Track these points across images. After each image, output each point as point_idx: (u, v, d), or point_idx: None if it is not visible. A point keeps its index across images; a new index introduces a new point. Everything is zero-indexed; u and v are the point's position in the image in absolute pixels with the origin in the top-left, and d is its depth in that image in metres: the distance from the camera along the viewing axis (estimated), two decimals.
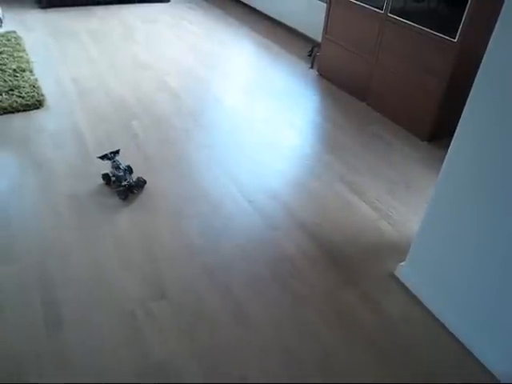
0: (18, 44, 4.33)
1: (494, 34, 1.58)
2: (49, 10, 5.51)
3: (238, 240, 2.39)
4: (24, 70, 3.82)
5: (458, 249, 1.91)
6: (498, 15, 1.57)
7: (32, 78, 3.73)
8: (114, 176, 2.65)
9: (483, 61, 1.64)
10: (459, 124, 1.78)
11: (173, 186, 2.74)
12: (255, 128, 3.47)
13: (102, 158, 2.72)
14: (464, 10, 2.89)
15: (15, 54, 4.09)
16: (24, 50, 4.24)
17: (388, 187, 2.90)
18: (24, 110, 3.36)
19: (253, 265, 2.25)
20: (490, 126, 1.67)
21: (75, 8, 5.67)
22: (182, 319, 1.94)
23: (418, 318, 2.05)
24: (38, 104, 3.42)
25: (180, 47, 4.85)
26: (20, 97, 3.43)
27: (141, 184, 2.66)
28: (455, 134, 1.81)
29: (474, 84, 1.69)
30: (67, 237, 2.30)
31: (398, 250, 2.36)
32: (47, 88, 3.66)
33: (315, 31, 4.80)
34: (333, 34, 4.15)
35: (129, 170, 2.70)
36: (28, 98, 3.42)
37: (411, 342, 1.94)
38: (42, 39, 4.65)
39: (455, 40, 3.01)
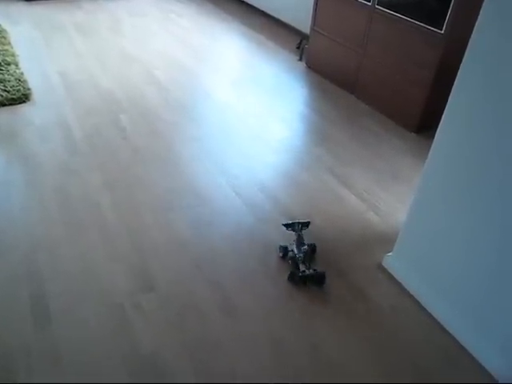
0: (2, 37, 4.27)
1: (477, 23, 1.60)
2: (34, 2, 5.43)
3: (227, 232, 2.39)
4: (9, 64, 3.77)
5: (444, 238, 1.93)
6: None
7: (18, 71, 3.69)
8: (292, 251, 2.20)
9: (467, 50, 1.65)
10: (444, 112, 1.80)
11: (161, 178, 2.73)
12: (244, 121, 3.46)
13: (287, 226, 2.30)
14: (450, 2, 2.91)
15: (0, 48, 4.03)
16: (9, 44, 4.18)
17: (376, 178, 2.91)
18: (10, 104, 3.32)
19: (242, 257, 2.25)
20: (474, 113, 1.69)
21: (61, 0, 5.60)
22: (171, 311, 1.94)
23: (406, 308, 2.07)
24: (24, 98, 3.39)
25: (169, 41, 4.81)
26: (5, 91, 3.38)
27: (319, 278, 2.11)
28: (441, 123, 1.83)
29: (459, 73, 1.70)
30: (55, 230, 2.29)
31: (386, 241, 2.38)
32: (33, 82, 3.62)
33: (304, 24, 4.79)
34: (321, 26, 4.15)
35: (310, 251, 2.22)
36: (14, 92, 3.38)
37: (399, 331, 1.96)
38: (27, 32, 4.59)
39: (442, 31, 3.02)
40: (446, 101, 1.79)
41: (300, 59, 4.57)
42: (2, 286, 1.99)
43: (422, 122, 3.41)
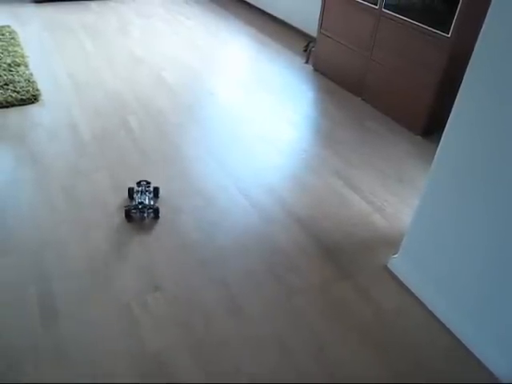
0: (12, 38, 4.32)
1: (483, 28, 1.61)
2: (43, 3, 5.49)
3: (234, 234, 2.41)
4: (19, 65, 3.82)
5: (449, 241, 1.94)
6: None
7: (27, 72, 3.73)
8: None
9: (473, 54, 1.66)
10: (451, 116, 1.81)
11: (168, 180, 2.75)
12: (251, 122, 3.48)
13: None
14: (457, 6, 2.91)
15: (10, 49, 4.08)
16: (19, 45, 4.23)
17: (382, 181, 2.92)
18: (19, 105, 3.36)
19: (248, 258, 2.27)
20: (480, 117, 1.69)
21: (69, 2, 5.65)
22: (177, 311, 1.96)
23: (411, 310, 2.08)
24: (33, 99, 3.42)
25: (176, 42, 4.85)
26: (15, 91, 3.43)
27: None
28: (447, 126, 1.84)
29: (465, 76, 1.72)
30: (63, 230, 2.31)
31: (391, 243, 2.39)
32: (43, 83, 3.66)
33: (311, 26, 4.80)
34: (328, 29, 4.16)
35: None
36: (23, 93, 3.42)
37: (404, 333, 1.97)
38: (36, 33, 4.64)
39: (449, 35, 3.03)
40: (452, 104, 1.80)
41: (307, 62, 4.58)
42: (9, 284, 2.01)
43: (428, 125, 3.41)
